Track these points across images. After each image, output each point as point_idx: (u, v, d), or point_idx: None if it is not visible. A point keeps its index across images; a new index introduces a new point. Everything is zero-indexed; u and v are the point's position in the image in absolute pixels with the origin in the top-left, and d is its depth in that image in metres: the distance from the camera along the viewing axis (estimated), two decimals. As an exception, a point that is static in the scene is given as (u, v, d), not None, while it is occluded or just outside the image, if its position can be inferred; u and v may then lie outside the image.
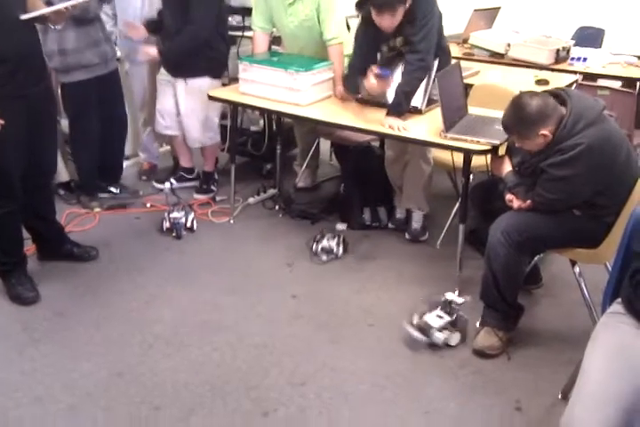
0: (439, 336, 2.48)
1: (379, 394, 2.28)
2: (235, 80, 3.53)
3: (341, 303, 2.82)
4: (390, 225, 3.45)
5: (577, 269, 2.49)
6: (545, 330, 2.62)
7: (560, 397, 2.22)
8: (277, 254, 3.17)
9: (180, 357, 2.46)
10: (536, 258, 2.68)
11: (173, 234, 3.33)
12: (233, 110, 3.45)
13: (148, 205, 3.65)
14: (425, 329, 2.50)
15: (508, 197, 2.44)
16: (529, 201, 2.37)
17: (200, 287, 2.92)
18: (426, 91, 2.95)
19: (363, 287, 2.95)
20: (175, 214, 3.32)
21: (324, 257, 3.14)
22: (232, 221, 3.52)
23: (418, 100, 2.96)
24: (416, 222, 3.33)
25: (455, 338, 2.51)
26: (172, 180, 3.60)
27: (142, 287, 2.91)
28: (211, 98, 3.33)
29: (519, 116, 2.27)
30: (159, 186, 3.75)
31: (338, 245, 3.17)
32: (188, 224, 3.37)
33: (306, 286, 2.94)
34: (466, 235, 2.85)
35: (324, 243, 3.16)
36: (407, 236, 3.33)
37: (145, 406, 2.20)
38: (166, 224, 3.35)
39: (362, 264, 3.13)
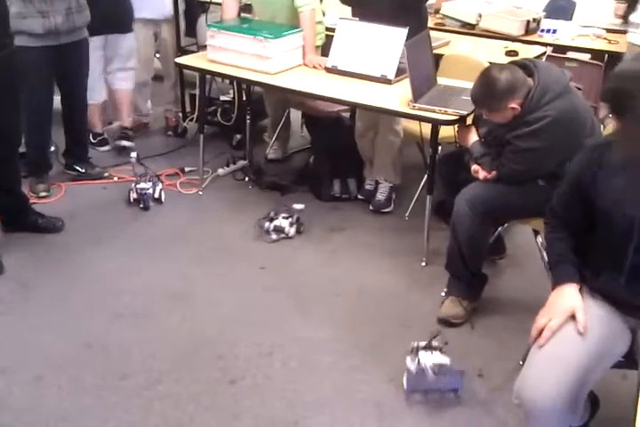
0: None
1: (344, 362, 2.32)
2: (203, 47, 3.47)
3: (309, 274, 2.84)
4: (360, 197, 3.45)
5: (540, 239, 2.52)
6: (508, 299, 2.67)
7: (521, 363, 2.27)
8: (247, 226, 3.16)
9: (148, 327, 2.46)
10: (500, 228, 2.71)
11: (141, 205, 3.30)
12: (201, 78, 3.40)
13: (116, 178, 3.59)
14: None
15: (474, 167, 2.46)
16: (494, 172, 2.40)
17: (168, 258, 2.91)
18: (396, 60, 2.93)
19: (331, 259, 2.96)
20: (142, 185, 3.28)
21: (274, 236, 3.06)
22: (201, 193, 3.50)
23: (388, 69, 2.95)
24: (381, 194, 3.34)
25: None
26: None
27: (109, 258, 2.89)
28: (178, 65, 3.26)
29: (488, 90, 2.27)
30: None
31: (291, 224, 3.08)
32: (156, 195, 3.34)
33: (274, 257, 2.95)
34: (433, 206, 2.87)
35: (277, 222, 3.08)
36: (371, 207, 3.34)
37: (111, 376, 2.20)
38: (133, 195, 3.31)
39: (330, 236, 3.14)
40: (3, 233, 3.01)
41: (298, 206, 3.15)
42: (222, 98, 4.06)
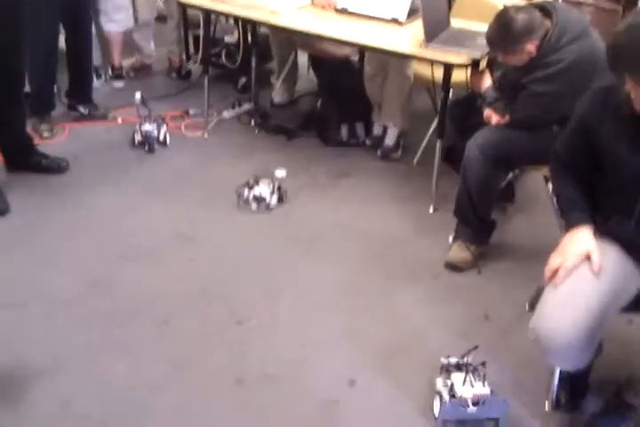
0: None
1: (351, 304, 2.33)
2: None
3: (316, 219, 2.82)
4: (367, 142, 3.41)
5: (550, 186, 2.50)
6: (516, 245, 2.67)
7: (527, 308, 2.28)
8: (252, 170, 3.12)
9: (155, 268, 2.47)
10: (511, 174, 2.69)
11: (145, 148, 3.25)
12: (205, 18, 3.30)
13: (120, 120, 3.53)
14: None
15: (487, 112, 2.41)
16: (507, 117, 2.35)
17: (173, 201, 2.89)
18: (408, 1, 2.83)
19: (338, 205, 2.94)
20: (147, 127, 3.23)
21: (254, 206, 2.84)
22: (206, 136, 3.45)
23: (399, 11, 2.85)
24: (389, 139, 3.29)
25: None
26: None
27: (114, 200, 2.87)
28: (181, 4, 3.16)
29: (504, 31, 2.20)
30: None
31: (272, 193, 2.86)
32: (161, 138, 3.29)
33: (281, 202, 2.92)
34: (443, 152, 2.83)
35: (257, 190, 2.85)
36: (379, 153, 3.30)
37: (120, 315, 2.22)
38: (138, 137, 3.27)
39: (337, 182, 3.12)
40: (7, 173, 2.98)
41: (280, 174, 2.95)
42: (227, 39, 3.95)
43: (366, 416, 1.86)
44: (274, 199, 2.88)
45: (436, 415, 1.84)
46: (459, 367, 1.90)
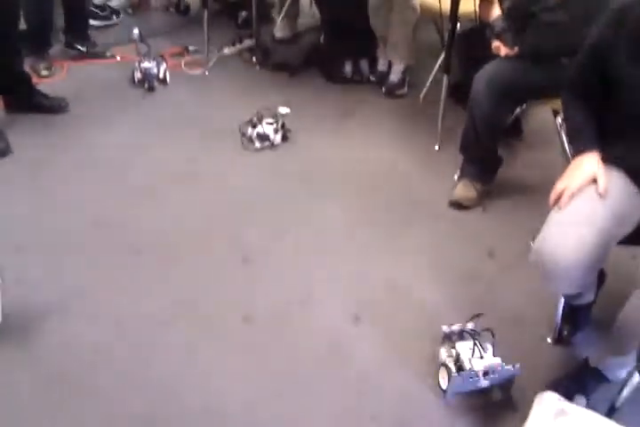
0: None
1: (356, 243, 2.33)
2: None
3: (321, 157, 2.79)
4: (372, 78, 3.32)
5: (559, 120, 2.45)
6: (522, 182, 2.64)
7: (532, 242, 2.28)
8: (254, 108, 3.06)
9: (159, 206, 2.46)
10: (518, 109, 2.63)
11: (145, 86, 3.19)
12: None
13: (118, 58, 3.45)
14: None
15: (495, 43, 2.33)
16: (516, 48, 2.27)
17: (175, 140, 2.86)
18: None
19: (342, 142, 2.90)
20: (146, 64, 3.16)
21: (258, 144, 2.80)
22: (207, 73, 3.37)
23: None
24: (394, 75, 3.21)
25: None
26: None
27: (116, 139, 2.84)
28: None
29: None
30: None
31: (276, 131, 2.81)
32: (161, 75, 3.22)
33: (283, 142, 2.88)
34: (449, 88, 2.76)
35: (261, 128, 2.80)
36: (383, 89, 3.22)
37: (125, 253, 2.23)
38: (138, 75, 3.20)
39: (342, 119, 3.06)
40: (7, 114, 2.94)
41: (283, 110, 2.87)
42: (226, -29, 3.81)
43: (372, 354, 1.88)
44: (278, 137, 2.83)
45: (444, 387, 1.75)
46: (462, 336, 1.81)
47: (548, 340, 1.94)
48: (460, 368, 1.72)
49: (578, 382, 1.74)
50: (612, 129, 1.66)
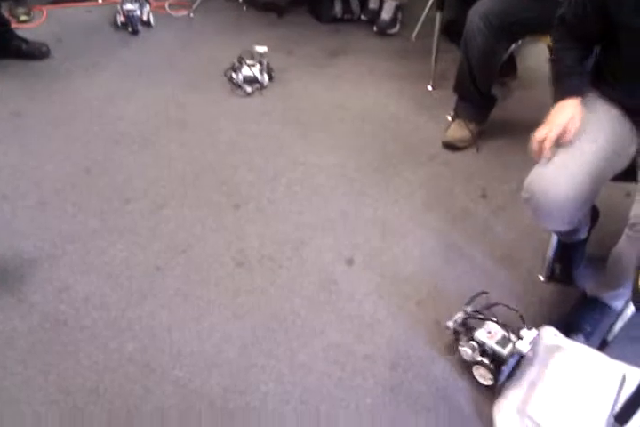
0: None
1: (348, 186, 2.31)
2: None
3: (311, 99, 2.74)
4: (363, 17, 3.23)
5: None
6: (516, 122, 2.60)
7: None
8: (242, 51, 2.98)
9: (148, 153, 2.42)
10: (514, 46, 2.55)
11: (129, 29, 3.09)
12: None
13: (100, 0, 3.33)
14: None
15: (490, -23, 2.24)
16: (512, -19, 2.19)
17: (161, 85, 2.79)
18: None
19: (332, 84, 2.84)
20: (129, 6, 3.05)
21: (249, 88, 2.73)
22: (192, 15, 3.27)
23: None
24: (386, 13, 3.11)
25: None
26: None
27: (100, 84, 2.77)
28: None
29: None
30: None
31: (261, 72, 2.75)
32: (144, 18, 3.12)
33: (273, 83, 2.82)
34: (443, 26, 2.69)
35: (245, 71, 2.73)
36: (375, 28, 3.13)
37: (115, 200, 2.20)
38: (120, 18, 3.09)
39: (332, 60, 2.99)
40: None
41: (260, 49, 2.78)
42: None
43: (366, 296, 1.89)
44: (265, 78, 2.76)
45: (487, 384, 1.62)
46: (468, 328, 1.67)
47: (541, 278, 1.95)
48: (493, 357, 1.60)
49: (578, 316, 1.76)
50: (609, 71, 1.61)
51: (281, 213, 2.19)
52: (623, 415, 1.18)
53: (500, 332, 1.62)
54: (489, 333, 1.62)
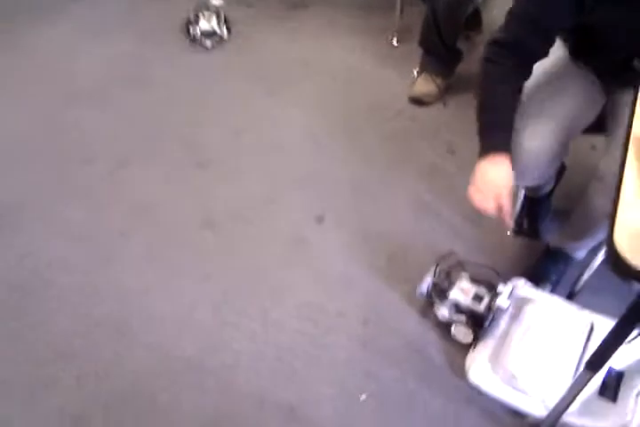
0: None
1: (315, 143, 2.26)
2: None
3: (272, 54, 2.66)
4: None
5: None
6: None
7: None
8: (197, 3, 2.85)
9: (106, 111, 2.33)
10: (480, -1, 2.51)
11: (79, -19, 2.93)
12: None
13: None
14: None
15: None
16: None
17: (118, 40, 2.68)
18: None
19: (294, 38, 2.76)
20: (78, -44, 2.89)
21: (208, 42, 2.64)
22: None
23: None
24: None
25: None
26: None
27: (53, 41, 2.65)
28: None
29: None
30: None
31: (219, 24, 2.65)
32: (95, -31, 2.96)
33: (232, 38, 2.72)
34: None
35: (203, 25, 2.62)
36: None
37: (73, 161, 2.12)
38: (69, -31, 2.93)
39: (293, 13, 2.89)
40: None
41: (216, 1, 2.68)
42: None
43: (337, 254, 1.88)
44: (225, 31, 2.67)
45: (467, 341, 1.62)
46: (440, 289, 1.63)
47: (508, 233, 1.97)
48: (471, 315, 1.58)
49: (544, 267, 1.79)
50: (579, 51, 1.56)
51: (247, 172, 2.14)
52: (594, 363, 1.19)
53: (473, 289, 1.61)
54: (462, 291, 1.60)
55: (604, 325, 1.58)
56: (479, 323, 1.58)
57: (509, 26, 1.38)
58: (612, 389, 1.50)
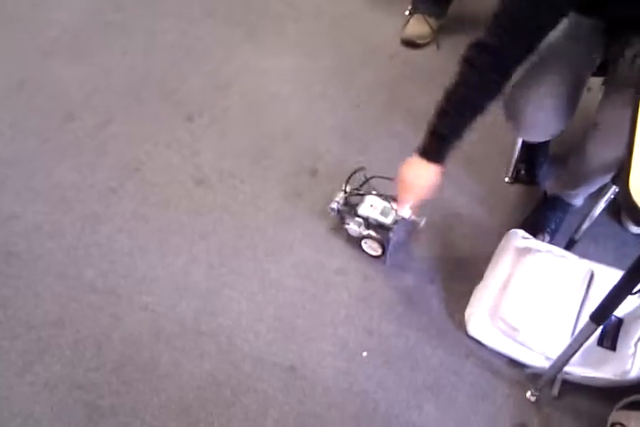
0: None
1: (306, 91, 2.17)
2: None
3: (258, -3, 2.53)
4: None
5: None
6: (475, 16, 2.45)
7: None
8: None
9: (86, 62, 2.23)
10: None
11: None
12: None
13: None
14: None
15: None
16: None
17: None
18: None
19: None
20: None
21: None
22: None
23: None
24: None
25: None
26: None
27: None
28: None
29: None
30: None
31: None
32: None
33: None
34: None
35: None
36: None
37: (56, 117, 2.04)
38: None
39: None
40: None
41: None
42: None
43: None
44: None
45: (376, 253, 1.69)
46: (350, 205, 1.66)
47: (506, 179, 1.93)
48: (379, 228, 1.61)
49: (542, 215, 1.76)
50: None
51: (237, 124, 2.07)
52: (599, 315, 1.18)
53: (381, 204, 1.62)
54: (371, 206, 1.63)
55: (605, 273, 1.57)
56: (386, 236, 1.60)
57: (493, 30, 1.31)
58: (610, 337, 1.50)
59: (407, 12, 2.38)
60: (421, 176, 1.40)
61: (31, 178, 1.87)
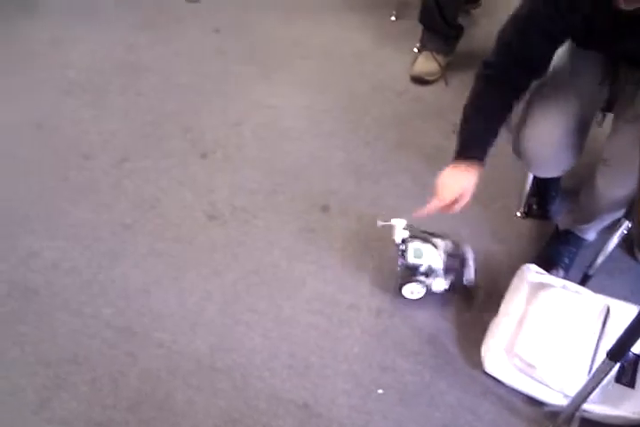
0: None
1: (317, 129, 2.22)
2: None
3: (268, 36, 2.59)
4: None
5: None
6: (484, 52, 2.48)
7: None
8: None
9: (102, 103, 2.28)
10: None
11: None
12: None
13: None
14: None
15: None
16: None
17: (108, 27, 2.61)
18: None
19: (291, 17, 2.69)
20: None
21: None
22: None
23: None
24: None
25: None
26: None
27: (44, 29, 2.57)
28: None
29: None
30: None
31: None
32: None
33: (227, 18, 2.65)
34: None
35: None
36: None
37: (72, 157, 2.08)
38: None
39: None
40: None
41: None
42: None
43: (343, 242, 1.85)
44: None
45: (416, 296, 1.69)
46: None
47: (518, 214, 1.94)
48: (426, 272, 1.63)
49: (555, 250, 1.76)
50: None
51: (250, 161, 2.10)
52: (616, 352, 1.18)
53: (418, 248, 1.65)
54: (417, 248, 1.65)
55: (621, 309, 1.56)
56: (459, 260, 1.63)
57: (497, 53, 1.41)
58: (629, 374, 1.49)
59: (415, 50, 2.44)
60: (460, 180, 1.46)
61: (49, 217, 1.90)
